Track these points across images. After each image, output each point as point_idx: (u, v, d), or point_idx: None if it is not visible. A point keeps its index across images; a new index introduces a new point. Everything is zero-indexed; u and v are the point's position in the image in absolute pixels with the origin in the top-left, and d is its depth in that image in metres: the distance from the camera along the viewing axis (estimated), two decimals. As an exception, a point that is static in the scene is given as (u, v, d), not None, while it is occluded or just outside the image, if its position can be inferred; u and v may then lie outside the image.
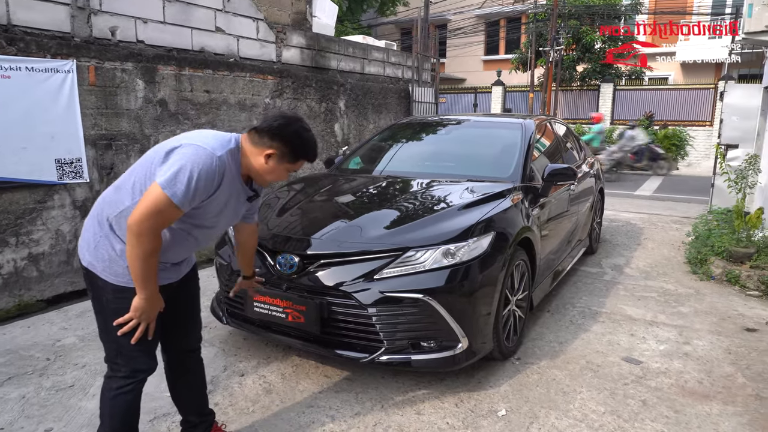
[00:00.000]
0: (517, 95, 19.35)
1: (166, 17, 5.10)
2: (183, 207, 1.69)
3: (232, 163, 1.80)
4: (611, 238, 6.35)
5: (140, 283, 1.72)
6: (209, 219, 1.85)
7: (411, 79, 9.09)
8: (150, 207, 1.64)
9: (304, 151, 1.87)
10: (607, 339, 3.49)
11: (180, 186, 1.65)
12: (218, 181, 1.74)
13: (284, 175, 1.91)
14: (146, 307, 1.78)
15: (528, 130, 4.06)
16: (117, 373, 1.86)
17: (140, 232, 1.65)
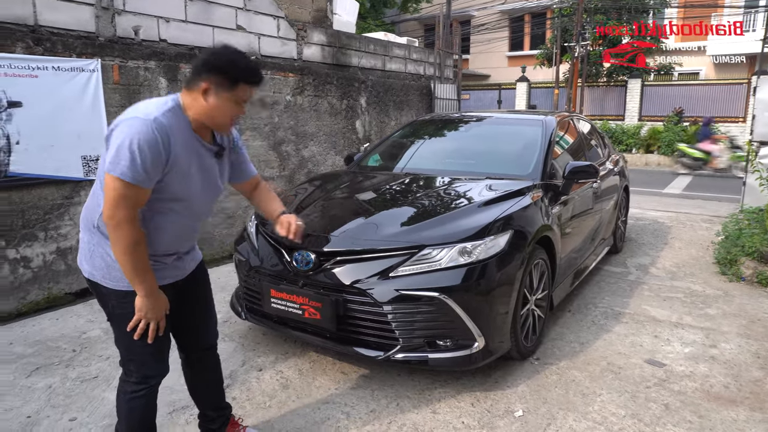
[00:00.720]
0: (542, 91, 19.09)
1: (188, 16, 5.16)
2: (142, 183, 1.60)
3: (177, 121, 1.68)
4: (637, 237, 6.21)
5: (134, 278, 1.68)
6: (182, 190, 1.74)
7: (433, 76, 9.04)
8: (111, 197, 1.59)
9: (238, 71, 1.68)
10: (630, 340, 3.41)
11: (124, 162, 1.56)
12: (165, 144, 1.62)
13: (232, 108, 1.72)
14: (148, 305, 1.73)
15: (549, 127, 3.99)
16: (130, 378, 1.87)
17: (115, 225, 1.60)
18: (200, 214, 1.91)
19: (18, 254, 3.90)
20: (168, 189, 1.70)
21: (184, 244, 1.91)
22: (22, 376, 2.92)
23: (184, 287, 1.96)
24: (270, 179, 6.06)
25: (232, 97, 1.70)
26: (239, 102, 1.73)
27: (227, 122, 1.77)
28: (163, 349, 1.90)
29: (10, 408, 2.61)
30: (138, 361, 1.84)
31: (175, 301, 1.93)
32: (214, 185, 1.88)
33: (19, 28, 3.98)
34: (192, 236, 1.96)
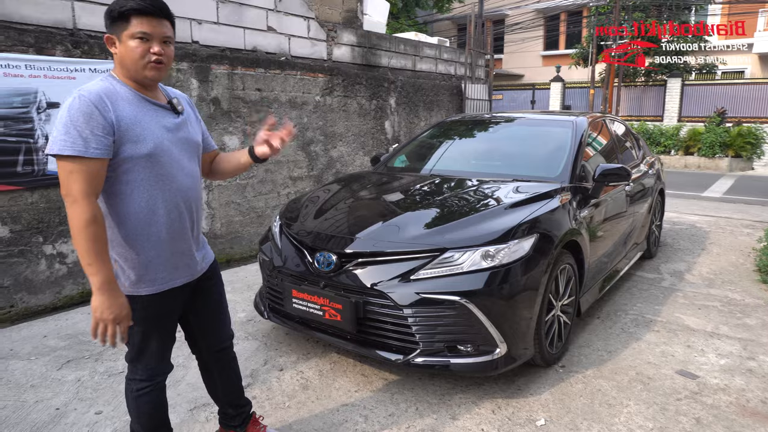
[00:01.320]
0: (576, 91, 18.69)
1: (220, 18, 5.25)
2: (85, 152, 1.53)
3: (113, 87, 1.65)
4: (673, 242, 6.00)
5: (89, 263, 1.57)
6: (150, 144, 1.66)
7: (464, 76, 8.96)
8: (61, 176, 1.56)
9: (122, 7, 1.61)
10: (661, 350, 3.29)
11: (60, 137, 1.53)
12: (102, 107, 1.57)
13: (137, 45, 1.63)
14: (104, 303, 1.60)
15: (579, 129, 3.89)
16: (135, 375, 1.88)
17: (71, 202, 1.55)
18: (188, 184, 1.80)
19: (54, 250, 4.04)
20: (133, 150, 1.64)
21: (184, 224, 1.81)
22: (54, 368, 3.01)
23: (197, 288, 1.96)
24: (298, 179, 6.11)
25: (129, 33, 1.64)
26: (139, 36, 1.64)
27: (140, 62, 1.65)
28: (167, 348, 1.92)
29: (41, 399, 2.70)
30: (143, 361, 1.86)
31: (188, 303, 1.94)
32: (187, 139, 1.82)
33: (59, 31, 4.12)
34: (190, 214, 1.83)
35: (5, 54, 3.79)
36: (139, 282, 1.75)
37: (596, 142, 4.26)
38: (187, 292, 1.90)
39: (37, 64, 3.93)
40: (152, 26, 1.65)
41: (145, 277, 1.75)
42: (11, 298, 3.82)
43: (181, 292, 1.86)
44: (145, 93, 1.73)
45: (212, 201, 5.19)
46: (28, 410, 2.60)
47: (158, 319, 1.84)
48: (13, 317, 3.80)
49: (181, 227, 1.82)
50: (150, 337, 1.83)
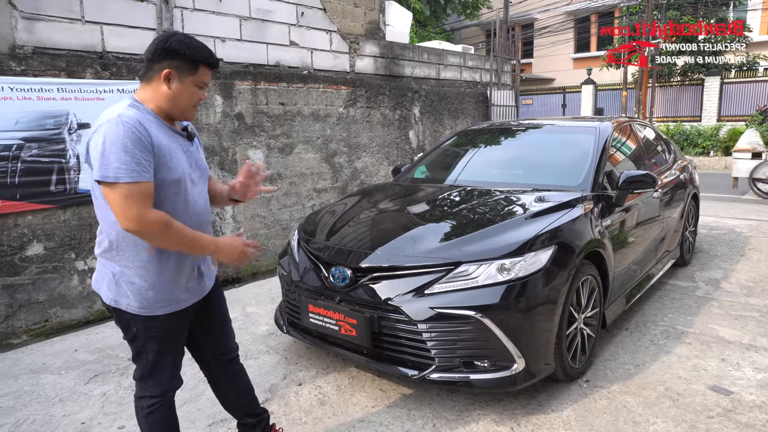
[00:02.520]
0: (609, 94, 18.31)
1: (243, 35, 5.36)
2: (139, 176, 1.59)
3: (142, 114, 1.69)
4: (709, 248, 5.77)
5: (192, 247, 1.72)
6: (174, 170, 1.72)
7: (489, 83, 8.88)
8: (118, 204, 1.59)
9: (197, 53, 1.72)
10: (693, 363, 3.15)
11: (114, 164, 1.56)
12: (142, 130, 1.63)
13: (196, 92, 1.77)
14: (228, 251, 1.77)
15: (603, 135, 3.79)
16: (146, 393, 1.91)
17: (140, 225, 1.60)
18: (202, 206, 1.89)
19: (86, 266, 4.18)
20: (167, 175, 1.70)
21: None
22: (82, 382, 3.11)
23: (202, 306, 2.00)
24: (323, 191, 6.16)
25: (195, 80, 1.75)
26: (201, 85, 1.78)
27: (191, 107, 1.79)
28: (179, 365, 1.97)
29: (69, 413, 2.78)
30: (156, 378, 1.89)
31: (194, 321, 1.98)
32: (200, 165, 1.91)
33: (89, 55, 4.28)
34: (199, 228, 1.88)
35: (39, 78, 3.97)
36: (156, 302, 1.78)
37: (622, 148, 4.14)
38: (196, 309, 1.95)
39: (68, 87, 4.10)
40: (209, 77, 1.81)
41: (162, 297, 1.79)
42: (46, 312, 3.97)
43: (191, 311, 1.92)
44: (168, 122, 1.80)
45: (237, 214, 5.28)
46: (56, 424, 2.69)
47: (172, 338, 1.90)
48: (47, 331, 3.94)
49: (195, 227, 1.84)
50: (163, 355, 1.88)
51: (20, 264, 3.84)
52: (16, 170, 3.83)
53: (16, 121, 3.84)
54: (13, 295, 3.81)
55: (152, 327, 1.80)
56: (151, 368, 1.88)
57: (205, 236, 1.76)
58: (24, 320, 3.86)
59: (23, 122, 3.87)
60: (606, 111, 18.32)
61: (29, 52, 3.96)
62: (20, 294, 3.84)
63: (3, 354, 3.58)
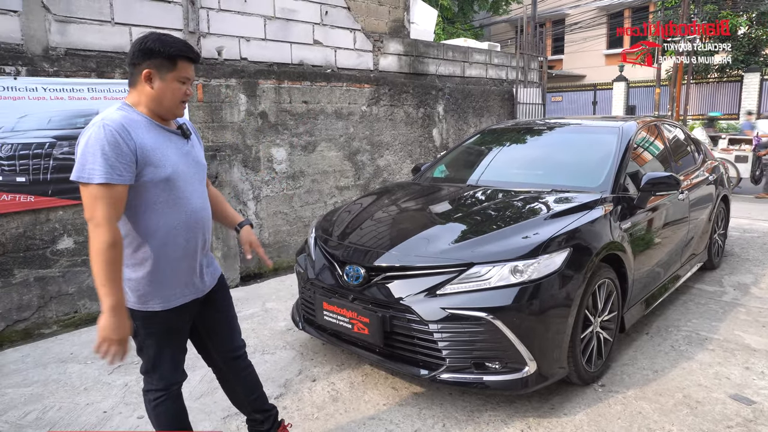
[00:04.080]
0: (641, 91, 17.86)
1: (267, 34, 5.43)
2: (111, 179, 1.62)
3: (132, 116, 1.73)
4: (741, 251, 5.59)
5: (103, 284, 1.63)
6: (164, 171, 1.75)
7: (515, 80, 8.78)
8: (86, 201, 1.64)
9: (173, 49, 1.74)
10: (715, 371, 3.08)
11: (89, 165, 1.61)
12: (125, 136, 1.66)
13: (179, 88, 1.78)
14: (113, 324, 1.64)
15: (626, 135, 3.72)
16: (151, 386, 1.96)
17: (94, 226, 1.63)
18: (199, 204, 1.89)
19: (113, 260, 4.32)
20: (154, 175, 1.73)
21: (196, 244, 1.90)
22: (106, 372, 3.22)
23: (206, 301, 2.02)
24: (344, 189, 6.21)
25: (175, 76, 1.76)
26: (183, 80, 1.79)
27: (177, 104, 1.81)
28: (180, 360, 2.00)
29: (92, 402, 2.89)
30: (158, 372, 1.93)
31: (198, 316, 2.02)
32: (196, 162, 1.92)
33: (117, 56, 4.41)
34: (201, 234, 1.91)
35: (71, 79, 4.11)
36: (153, 298, 1.83)
37: (647, 149, 4.06)
38: (196, 306, 1.98)
39: (98, 87, 4.24)
40: (191, 71, 1.82)
41: (159, 293, 1.83)
42: (75, 304, 4.13)
43: (190, 307, 1.95)
44: (160, 122, 1.83)
45: (260, 211, 5.37)
46: (79, 412, 2.80)
47: (170, 333, 1.93)
48: (76, 322, 4.09)
49: (194, 246, 1.91)
50: (163, 350, 1.92)
51: (51, 257, 4.00)
52: (48, 167, 3.98)
53: (49, 120, 3.99)
54: (45, 287, 3.97)
55: (151, 323, 1.85)
56: (152, 363, 1.92)
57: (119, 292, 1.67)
58: (55, 311, 4.02)
59: (55, 121, 4.02)
60: (638, 108, 17.88)
61: (62, 54, 4.11)
62: (51, 286, 4.00)
63: (35, 343, 3.74)
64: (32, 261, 3.91)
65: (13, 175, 3.82)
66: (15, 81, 3.81)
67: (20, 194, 3.85)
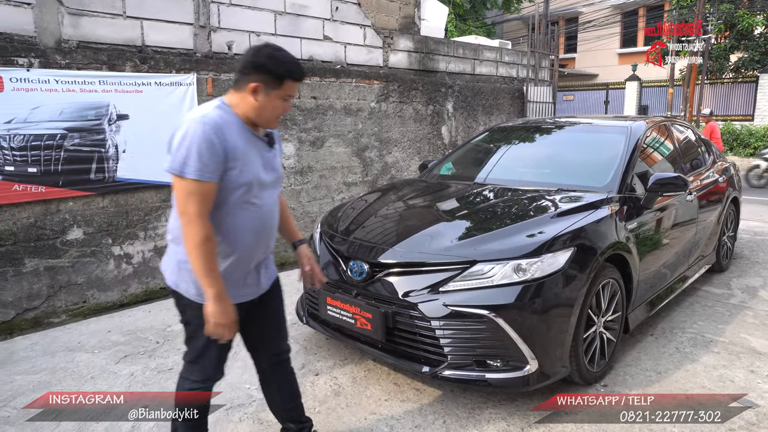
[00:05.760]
0: (654, 90, 17.66)
1: (278, 30, 5.45)
2: (203, 177, 1.68)
3: (228, 118, 1.78)
4: (750, 254, 5.54)
5: (204, 277, 1.73)
6: (248, 174, 1.81)
7: (526, 78, 8.73)
8: (179, 195, 1.70)
9: (283, 69, 1.79)
10: (719, 373, 3.06)
11: (184, 160, 1.67)
12: (219, 136, 1.72)
13: (281, 105, 1.83)
14: (219, 310, 1.76)
15: (634, 135, 3.69)
16: (190, 376, 1.98)
17: (187, 221, 1.70)
18: (270, 208, 1.95)
19: (122, 251, 4.37)
20: (237, 178, 1.78)
21: (262, 246, 1.96)
22: (112, 362, 3.27)
23: (260, 303, 2.04)
24: (352, 185, 6.22)
25: (280, 93, 1.81)
26: (286, 98, 1.84)
27: (275, 118, 1.87)
28: (224, 358, 2.01)
29: (98, 391, 2.93)
30: (202, 365, 1.95)
31: (248, 317, 2.01)
32: (274, 170, 1.97)
33: (129, 49, 4.46)
34: (268, 237, 1.98)
35: (82, 71, 4.15)
36: None
37: (655, 149, 4.03)
38: (251, 306, 2.00)
39: (109, 80, 4.28)
40: (295, 90, 1.88)
41: None
42: (84, 294, 4.18)
43: (245, 307, 1.96)
44: (251, 127, 1.87)
45: (268, 206, 5.39)
46: (85, 400, 2.84)
47: None
48: (84, 312, 4.15)
49: (259, 249, 1.95)
50: (211, 344, 1.90)
51: (61, 247, 4.05)
52: (60, 158, 4.03)
53: (60, 112, 4.04)
54: (55, 276, 4.03)
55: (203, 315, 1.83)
56: (198, 354, 1.94)
57: (219, 280, 1.76)
58: (64, 301, 4.08)
59: (67, 113, 4.07)
60: (651, 109, 17.71)
61: (74, 46, 4.15)
62: (61, 276, 4.06)
63: (44, 332, 3.80)
64: (42, 251, 3.97)
65: (25, 166, 3.88)
66: (28, 73, 3.86)
67: (31, 185, 3.90)
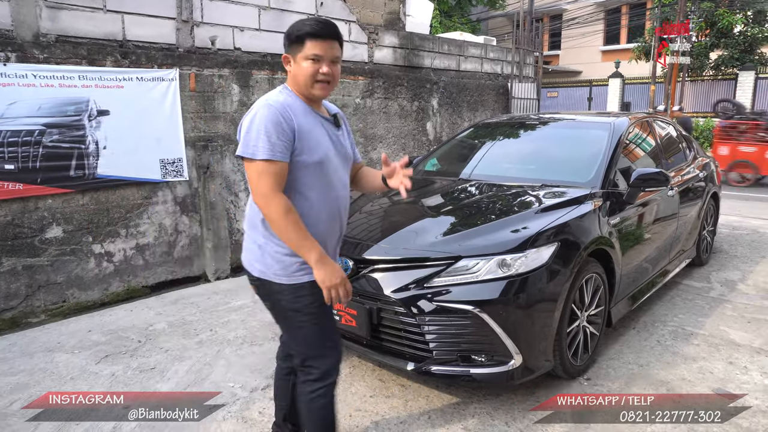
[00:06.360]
0: (637, 87, 17.90)
1: (262, 25, 5.39)
2: (274, 156, 1.70)
3: (292, 100, 1.82)
4: (729, 248, 5.63)
5: (301, 245, 1.73)
6: (317, 154, 1.80)
7: (511, 75, 8.77)
8: (252, 177, 1.72)
9: (299, 31, 1.78)
10: (699, 365, 3.11)
11: (253, 142, 1.71)
12: (286, 117, 1.74)
13: (310, 66, 1.78)
14: (327, 270, 1.74)
15: (617, 131, 3.72)
16: (309, 377, 1.90)
17: (265, 200, 1.70)
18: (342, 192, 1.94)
19: (102, 249, 4.30)
20: (307, 158, 1.78)
21: (336, 230, 1.94)
22: (93, 362, 3.22)
23: None
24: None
25: (304, 54, 1.79)
26: (312, 58, 1.78)
27: (312, 83, 1.81)
28: (337, 335, 1.97)
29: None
30: (318, 355, 1.89)
31: None
32: (344, 152, 1.97)
33: (109, 43, 4.38)
34: (341, 220, 1.96)
35: (61, 66, 4.07)
36: (300, 269, 1.81)
37: (637, 145, 4.07)
38: None
39: (89, 75, 4.20)
40: (323, 49, 1.79)
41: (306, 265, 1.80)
42: (63, 293, 4.11)
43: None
44: (313, 106, 1.88)
45: (245, 204, 5.34)
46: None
47: (322, 306, 1.86)
48: (65, 311, 4.08)
49: (334, 234, 1.94)
50: (316, 326, 1.87)
51: (40, 246, 3.98)
52: (38, 155, 3.95)
53: (39, 107, 3.96)
54: (33, 275, 3.95)
55: (299, 296, 1.82)
56: (307, 344, 1.88)
57: (316, 243, 1.76)
58: (42, 300, 4.01)
59: (45, 108, 3.99)
60: (633, 105, 17.93)
61: (52, 40, 4.06)
62: (39, 275, 3.98)
63: (22, 332, 3.73)
64: (20, 249, 3.89)
65: (2, 163, 3.79)
66: (4, 67, 3.78)
67: (8, 182, 3.82)
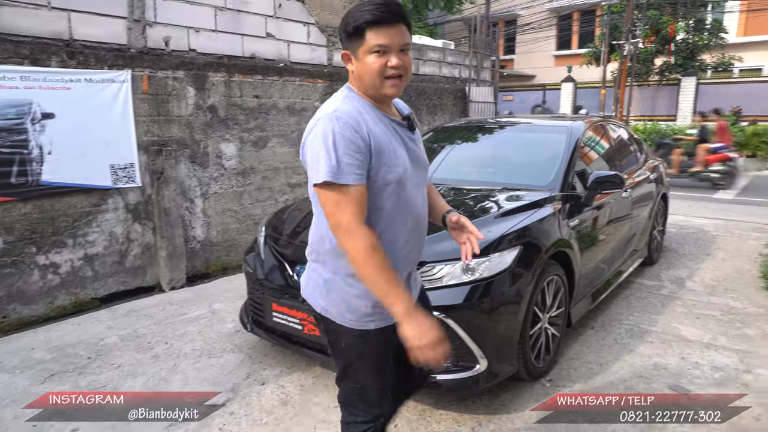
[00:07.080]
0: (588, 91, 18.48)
1: (218, 26, 5.25)
2: (351, 180, 1.43)
3: (358, 104, 1.53)
4: (677, 247, 5.87)
5: (386, 293, 1.43)
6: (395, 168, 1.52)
7: (468, 79, 8.88)
8: (327, 207, 1.46)
9: (357, 21, 1.49)
10: (654, 362, 3.20)
11: (325, 167, 1.42)
12: (357, 128, 1.46)
13: (376, 61, 1.49)
14: (416, 331, 1.42)
15: (574, 135, 3.81)
16: (356, 419, 1.69)
17: (344, 233, 1.44)
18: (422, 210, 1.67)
19: (47, 260, 4.07)
20: (385, 174, 1.51)
21: (415, 253, 1.69)
22: (37, 382, 3.02)
23: None
24: (296, 186, 6.10)
25: (366, 48, 1.50)
26: (377, 50, 1.49)
27: (379, 79, 1.52)
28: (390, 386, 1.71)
29: (19, 416, 2.69)
30: (368, 399, 1.68)
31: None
32: (422, 162, 1.69)
33: (55, 42, 4.15)
34: (421, 242, 1.71)
35: (1, 66, 3.83)
36: (367, 315, 1.59)
37: (594, 148, 4.17)
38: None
39: (32, 76, 3.97)
40: (389, 36, 1.49)
41: (375, 310, 1.58)
42: (4, 309, 3.86)
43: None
44: (383, 109, 1.60)
45: (208, 209, 5.20)
46: (4, 428, 2.61)
47: (385, 354, 1.66)
48: (5, 328, 3.83)
49: (413, 257, 1.69)
50: (375, 374, 1.66)
51: (-22, 258, 3.72)
52: (-25, 161, 3.70)
53: (-25, 110, 3.71)
54: (-29, 289, 3.70)
55: (363, 343, 1.61)
56: (360, 389, 1.67)
57: (403, 291, 1.45)
58: (-18, 316, 3.75)
59: (-18, 111, 3.74)
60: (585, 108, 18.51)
61: (-10, 39, 3.82)
62: (-22, 289, 3.73)
63: (-41, 350, 3.48)
64: (-44, 262, 3.63)
65: (-66, 170, 3.53)
66: (-65, 67, 3.52)
67: (-58, 190, 3.56)
